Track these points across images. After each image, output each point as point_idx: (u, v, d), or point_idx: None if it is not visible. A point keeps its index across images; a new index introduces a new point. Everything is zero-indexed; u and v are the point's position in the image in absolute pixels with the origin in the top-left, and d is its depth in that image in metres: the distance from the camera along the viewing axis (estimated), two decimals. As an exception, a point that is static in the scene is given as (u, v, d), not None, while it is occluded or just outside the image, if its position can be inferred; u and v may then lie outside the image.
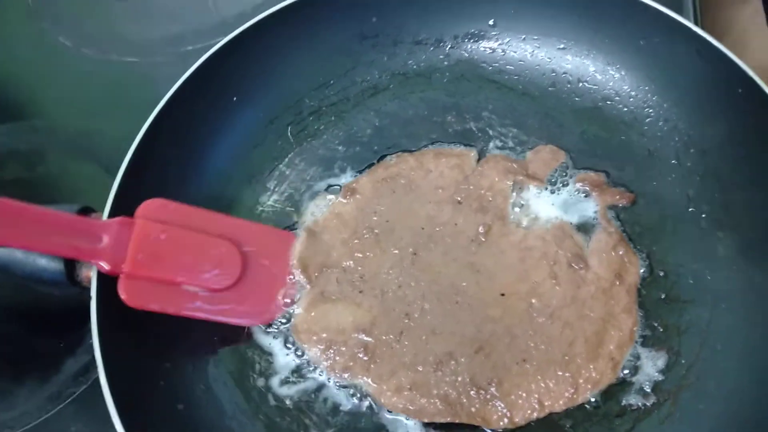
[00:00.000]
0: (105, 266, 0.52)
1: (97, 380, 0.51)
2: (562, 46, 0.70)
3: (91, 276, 0.54)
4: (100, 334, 0.52)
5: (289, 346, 0.59)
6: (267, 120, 0.70)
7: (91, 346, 0.52)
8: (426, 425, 0.54)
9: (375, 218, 0.64)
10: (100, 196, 0.56)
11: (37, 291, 0.64)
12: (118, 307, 0.54)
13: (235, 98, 0.68)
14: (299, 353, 0.58)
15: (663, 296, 0.58)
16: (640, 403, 0.54)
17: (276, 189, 0.68)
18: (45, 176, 0.73)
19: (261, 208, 0.67)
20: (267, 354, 0.59)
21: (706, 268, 0.58)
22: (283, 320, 0.60)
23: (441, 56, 0.73)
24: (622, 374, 0.55)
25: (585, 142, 0.66)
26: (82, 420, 0.59)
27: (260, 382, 0.57)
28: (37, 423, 0.59)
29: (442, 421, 0.54)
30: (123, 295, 0.52)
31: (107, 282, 0.54)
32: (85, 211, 0.57)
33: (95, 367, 0.51)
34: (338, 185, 0.67)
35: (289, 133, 0.70)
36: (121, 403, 0.50)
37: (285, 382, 0.57)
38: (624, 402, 0.54)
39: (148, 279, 0.53)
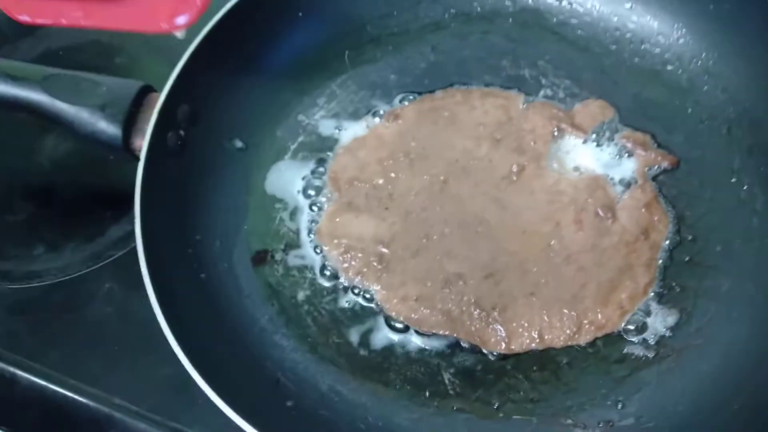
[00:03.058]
0: None
1: (134, 247, 0.55)
2: (629, 5, 0.69)
3: (142, 146, 0.59)
4: (142, 199, 0.57)
5: (315, 250, 0.61)
6: (328, 40, 0.72)
7: (133, 217, 0.57)
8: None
9: (413, 144, 0.65)
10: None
11: (95, 162, 0.70)
12: (161, 178, 0.59)
13: (300, 13, 0.71)
14: (321, 256, 0.61)
15: (687, 259, 0.57)
16: (641, 353, 0.53)
17: (324, 105, 0.70)
18: (120, 66, 0.79)
19: (307, 121, 0.69)
20: (289, 250, 0.62)
21: (738, 238, 0.57)
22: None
23: (507, 1, 0.73)
24: (628, 326, 0.55)
25: (637, 103, 0.65)
26: (116, 279, 0.65)
27: (279, 272, 0.61)
28: (77, 275, 0.64)
29: (441, 332, 0.55)
30: (5, 6, 0.53)
31: (156, 153, 0.58)
32: (147, 89, 0.62)
33: (134, 236, 0.55)
34: (385, 110, 0.68)
35: (346, 56, 0.72)
36: (152, 262, 0.54)
37: (303, 279, 0.60)
38: (625, 350, 0.54)
39: None
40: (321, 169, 0.66)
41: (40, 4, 0.53)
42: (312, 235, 0.62)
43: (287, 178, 0.66)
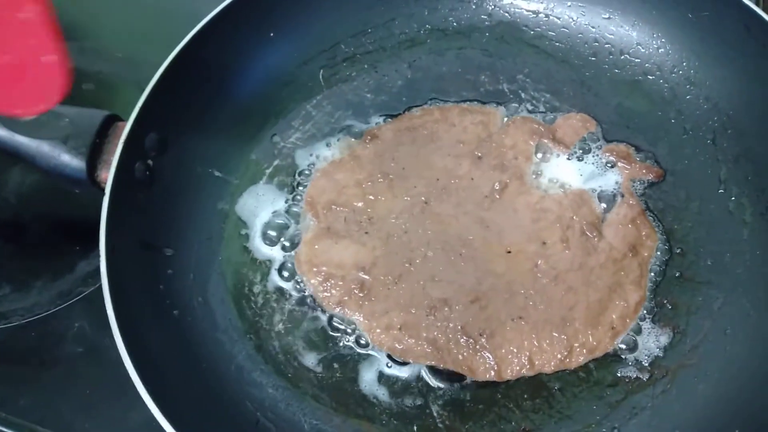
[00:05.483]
0: None
1: (103, 283, 0.52)
2: (607, 15, 0.68)
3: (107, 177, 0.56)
4: (107, 234, 0.54)
5: (294, 279, 0.59)
6: (301, 60, 0.70)
7: (103, 251, 0.54)
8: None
9: (392, 164, 0.63)
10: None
11: (62, 195, 0.67)
12: (129, 210, 0.56)
13: (272, 34, 0.69)
14: (300, 284, 0.58)
15: (678, 274, 0.55)
16: (634, 376, 0.52)
17: (300, 127, 0.68)
18: (88, 93, 0.76)
19: (282, 143, 0.67)
20: (266, 279, 0.59)
21: (728, 251, 0.55)
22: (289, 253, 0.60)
23: (483, 15, 0.72)
24: (620, 346, 0.53)
25: (619, 115, 0.64)
26: (87, 317, 0.62)
27: (257, 303, 0.58)
28: (45, 314, 0.61)
29: (427, 363, 0.53)
30: None
31: (122, 185, 0.56)
32: (112, 118, 0.59)
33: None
34: (362, 130, 0.66)
35: (320, 76, 0.70)
36: (119, 302, 0.51)
37: (281, 310, 0.58)
38: (619, 373, 0.52)
39: None
40: (298, 194, 0.63)
41: None
42: (290, 263, 0.60)
43: (263, 204, 0.63)
